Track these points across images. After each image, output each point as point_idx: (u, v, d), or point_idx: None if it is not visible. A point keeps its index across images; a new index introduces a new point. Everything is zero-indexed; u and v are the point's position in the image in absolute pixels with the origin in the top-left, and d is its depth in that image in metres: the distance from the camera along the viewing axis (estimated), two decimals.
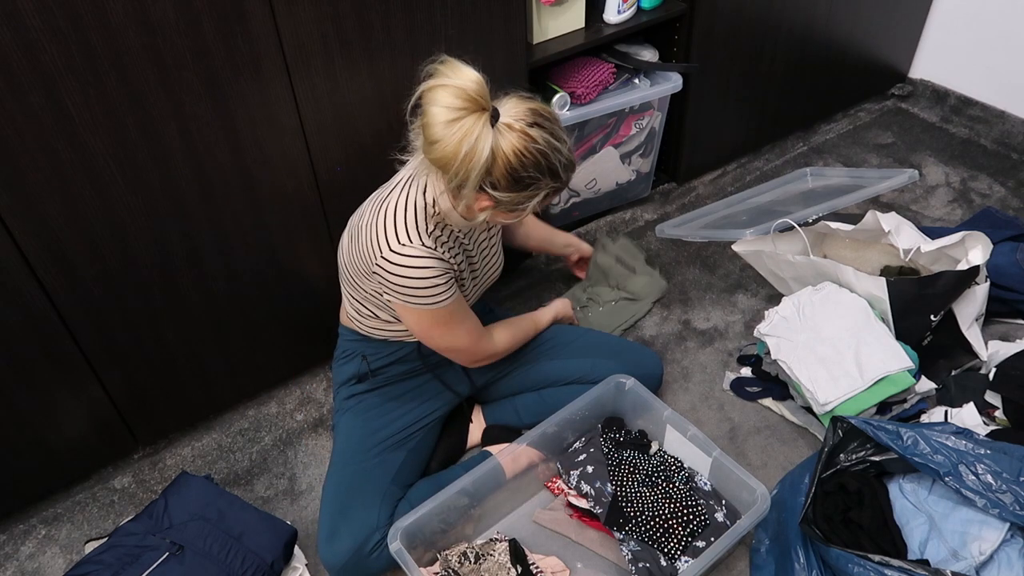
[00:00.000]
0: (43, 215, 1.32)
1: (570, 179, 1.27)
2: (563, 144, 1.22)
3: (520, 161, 1.17)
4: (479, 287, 1.52)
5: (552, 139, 1.19)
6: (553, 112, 1.23)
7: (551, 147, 1.19)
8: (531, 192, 1.22)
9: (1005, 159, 2.45)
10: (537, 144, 1.17)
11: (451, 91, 1.13)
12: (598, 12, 1.94)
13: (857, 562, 1.24)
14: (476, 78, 1.14)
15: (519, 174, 1.18)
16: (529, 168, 1.18)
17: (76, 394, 1.54)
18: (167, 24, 1.26)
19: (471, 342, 1.46)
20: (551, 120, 1.21)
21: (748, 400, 1.79)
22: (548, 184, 1.23)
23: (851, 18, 2.36)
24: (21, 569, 1.58)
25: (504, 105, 1.19)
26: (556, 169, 1.21)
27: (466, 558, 1.43)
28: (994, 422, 1.60)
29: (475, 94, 1.13)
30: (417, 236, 1.29)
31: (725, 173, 2.47)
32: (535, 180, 1.20)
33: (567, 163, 1.23)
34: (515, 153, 1.16)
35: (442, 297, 1.33)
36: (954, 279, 1.63)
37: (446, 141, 1.14)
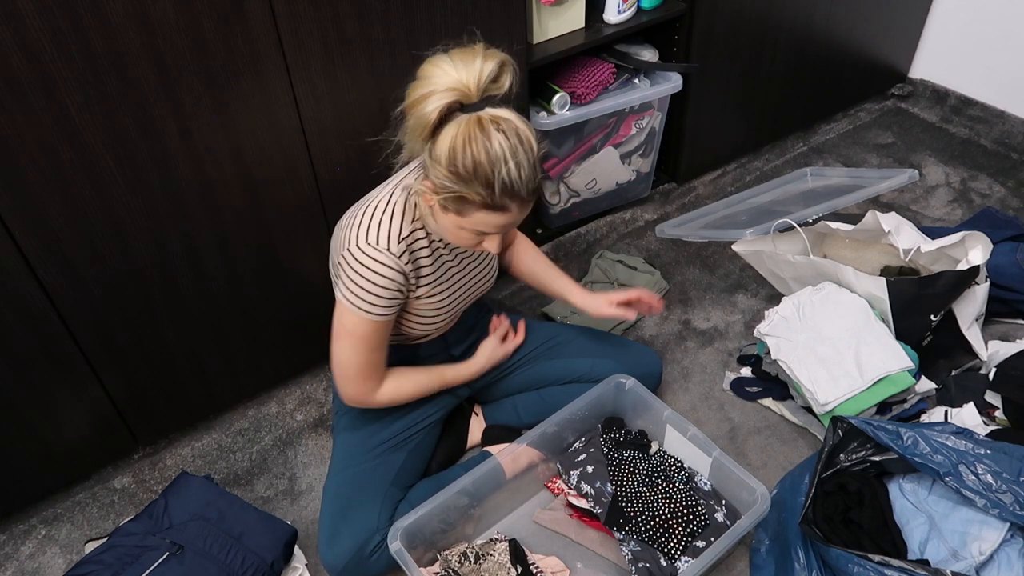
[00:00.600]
0: (43, 215, 1.32)
1: (506, 206, 1.17)
2: (514, 166, 1.13)
3: (464, 147, 1.11)
4: (463, 299, 1.48)
5: (507, 152, 1.12)
6: (531, 140, 1.16)
7: (500, 157, 1.12)
8: (458, 184, 1.15)
9: (1005, 159, 2.45)
10: (488, 143, 1.11)
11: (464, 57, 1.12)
12: (598, 12, 1.94)
13: (857, 562, 1.24)
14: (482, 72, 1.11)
15: (455, 159, 1.12)
16: (468, 159, 1.12)
17: (76, 394, 1.54)
18: (167, 24, 1.26)
19: (359, 377, 1.38)
20: (521, 140, 1.14)
21: (748, 400, 1.79)
22: (476, 190, 1.14)
23: (851, 18, 2.36)
24: (21, 569, 1.58)
25: (499, 109, 1.15)
26: (491, 179, 1.13)
27: (466, 558, 1.43)
28: (994, 422, 1.60)
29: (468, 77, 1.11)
30: (387, 239, 1.27)
31: (725, 173, 2.47)
32: (467, 175, 1.13)
33: (507, 184, 1.14)
34: (464, 139, 1.11)
35: (373, 310, 1.29)
36: (954, 279, 1.63)
37: (419, 81, 1.13)
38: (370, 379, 1.41)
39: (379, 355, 1.39)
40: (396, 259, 1.28)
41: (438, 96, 1.11)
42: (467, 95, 1.12)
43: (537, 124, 1.91)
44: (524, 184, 1.16)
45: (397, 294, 1.31)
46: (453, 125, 1.13)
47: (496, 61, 1.13)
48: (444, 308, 1.44)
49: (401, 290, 1.32)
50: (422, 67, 1.15)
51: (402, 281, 1.31)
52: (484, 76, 1.12)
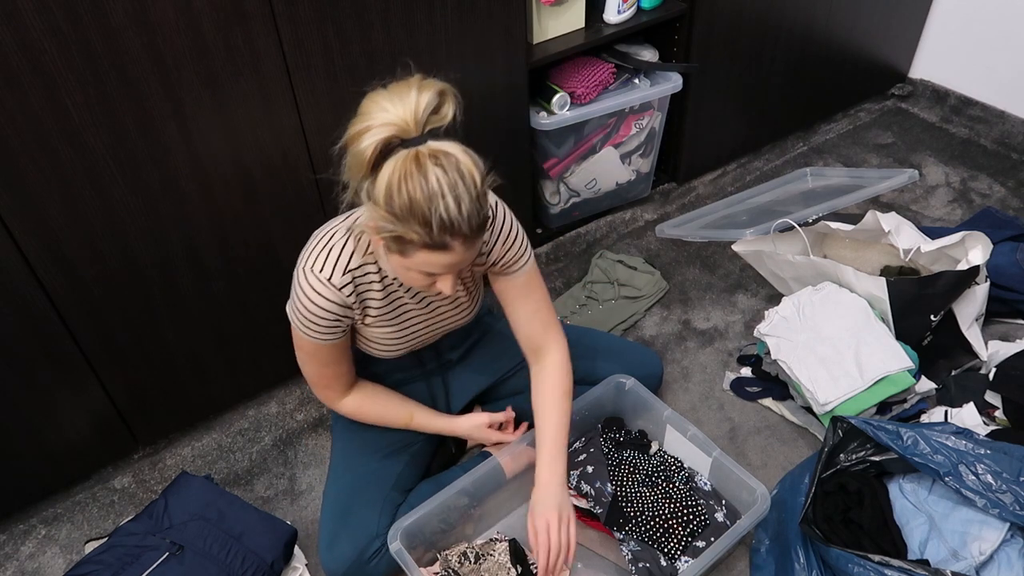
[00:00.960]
0: (43, 215, 1.32)
1: (446, 243, 1.09)
2: (453, 202, 1.05)
3: (400, 184, 1.05)
4: (425, 334, 1.44)
5: (445, 188, 1.05)
6: (474, 175, 1.08)
7: (437, 193, 1.05)
8: (396, 222, 1.08)
9: (1005, 159, 2.45)
10: (426, 179, 1.04)
11: (401, 91, 1.07)
12: (598, 12, 1.94)
13: (857, 562, 1.24)
14: (419, 106, 1.05)
15: (392, 195, 1.06)
16: (404, 196, 1.05)
17: (76, 394, 1.54)
18: (167, 24, 1.26)
19: (318, 384, 1.42)
20: (462, 176, 1.07)
21: (748, 400, 1.79)
22: (413, 228, 1.07)
23: (851, 18, 2.36)
24: (21, 569, 1.58)
25: (443, 143, 1.08)
26: (428, 217, 1.05)
27: (466, 558, 1.43)
28: (994, 422, 1.60)
29: (406, 112, 1.05)
30: (331, 270, 1.23)
31: (725, 173, 2.46)
32: (403, 212, 1.06)
33: (445, 221, 1.06)
34: (401, 175, 1.05)
35: (314, 334, 1.29)
36: (954, 279, 1.63)
37: (358, 117, 1.08)
38: (329, 388, 1.42)
39: (333, 369, 1.39)
40: (337, 291, 1.25)
41: (374, 132, 1.05)
42: (405, 129, 1.05)
43: (537, 124, 1.91)
44: (465, 220, 1.08)
45: (336, 323, 1.29)
46: (391, 162, 1.06)
47: (433, 92, 1.07)
48: (399, 341, 1.41)
49: (341, 320, 1.29)
50: (362, 103, 1.09)
51: (342, 312, 1.28)
52: (421, 108, 1.06)
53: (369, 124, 1.06)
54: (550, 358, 1.44)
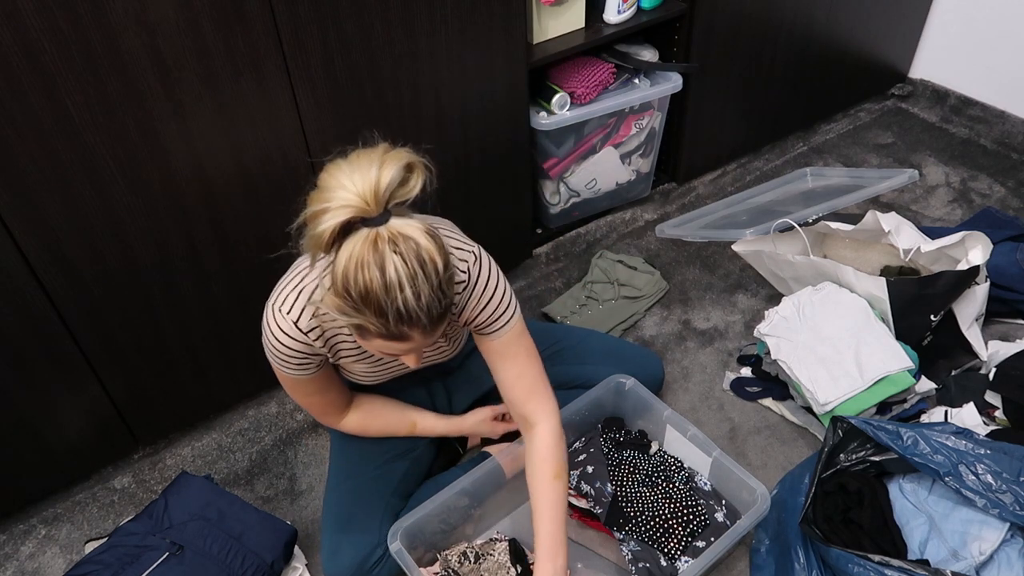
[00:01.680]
0: (43, 215, 1.32)
1: (405, 334, 1.04)
2: (412, 293, 0.99)
3: (355, 273, 0.99)
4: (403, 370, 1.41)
5: (404, 279, 0.99)
6: (435, 262, 1.01)
7: (394, 284, 0.98)
8: (351, 311, 1.02)
9: (1005, 159, 2.45)
10: (383, 269, 0.98)
11: (361, 166, 0.99)
12: (598, 12, 1.94)
13: (857, 562, 1.24)
14: (380, 183, 0.98)
15: (348, 284, 1.00)
16: (359, 285, 0.99)
17: (76, 394, 1.54)
18: (167, 24, 1.26)
19: (311, 411, 1.42)
20: (422, 264, 1.00)
21: (748, 400, 1.79)
22: (369, 319, 1.02)
23: (851, 18, 2.36)
24: (21, 569, 1.58)
25: (404, 220, 1.01)
26: (384, 308, 1.00)
27: (466, 558, 1.43)
28: (994, 422, 1.60)
29: (366, 190, 0.97)
30: (299, 313, 1.19)
31: (725, 173, 2.46)
32: (357, 302, 1.01)
33: (402, 313, 1.00)
34: (356, 263, 0.98)
35: (285, 369, 1.27)
36: (954, 279, 1.63)
37: (317, 192, 1.02)
38: (326, 415, 1.42)
39: (321, 398, 1.37)
40: (303, 334, 1.21)
41: (331, 214, 0.97)
42: (365, 209, 0.98)
43: (537, 124, 1.91)
44: (424, 312, 1.02)
45: (306, 360, 1.25)
46: (349, 244, 0.99)
47: (397, 167, 0.99)
48: (379, 375, 1.39)
49: (310, 357, 1.25)
50: (320, 175, 1.02)
51: (308, 350, 1.23)
52: (383, 187, 0.97)
53: (328, 205, 0.98)
54: (537, 431, 1.33)
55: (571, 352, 1.65)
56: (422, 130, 1.67)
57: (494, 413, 1.54)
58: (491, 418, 1.54)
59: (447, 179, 1.24)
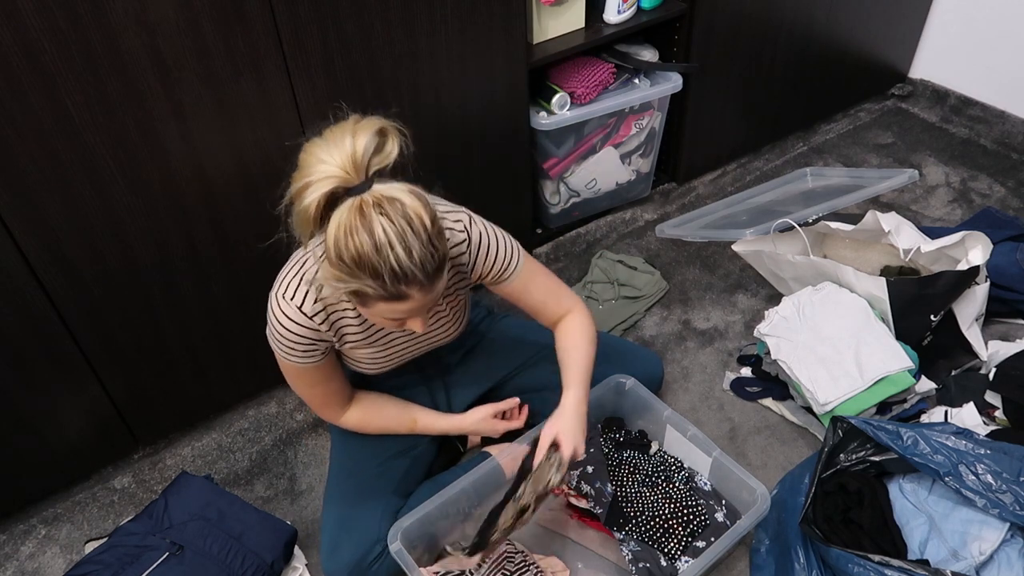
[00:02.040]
0: (43, 215, 1.32)
1: (402, 293, 1.07)
2: (403, 251, 1.02)
3: (346, 239, 1.02)
4: (410, 351, 1.43)
5: (393, 238, 1.02)
6: (421, 219, 1.04)
7: (384, 243, 1.01)
8: (347, 277, 1.06)
9: (1005, 159, 2.45)
10: (371, 231, 1.01)
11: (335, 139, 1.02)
12: (598, 12, 1.94)
13: (857, 562, 1.24)
14: (356, 150, 1.01)
15: (340, 251, 1.03)
16: (351, 250, 1.02)
17: (76, 394, 1.54)
18: (167, 24, 1.26)
19: (312, 404, 1.42)
20: (409, 222, 1.03)
21: (748, 400, 1.79)
22: (365, 282, 1.05)
23: (851, 18, 2.36)
24: (21, 569, 1.58)
25: (386, 185, 1.04)
26: (379, 269, 1.03)
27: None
28: (994, 422, 1.60)
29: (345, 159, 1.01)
30: (303, 298, 1.21)
31: (725, 173, 2.47)
32: (351, 267, 1.04)
33: (396, 271, 1.03)
34: (346, 229, 1.02)
35: (292, 358, 1.27)
36: (954, 279, 1.63)
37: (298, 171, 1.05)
38: (327, 407, 1.42)
39: (324, 388, 1.38)
40: (308, 319, 1.23)
41: (314, 187, 1.01)
42: (347, 179, 1.01)
43: (537, 124, 1.91)
44: (419, 267, 1.05)
45: (314, 346, 1.27)
46: (336, 215, 1.02)
47: (370, 133, 1.02)
48: (384, 360, 1.40)
49: (317, 342, 1.27)
50: (300, 155, 1.05)
51: (315, 336, 1.25)
52: (359, 154, 1.01)
53: (309, 179, 1.01)
54: (571, 316, 1.42)
55: None
56: (422, 130, 1.67)
57: (495, 411, 1.54)
58: (491, 416, 1.54)
59: (447, 179, 1.24)
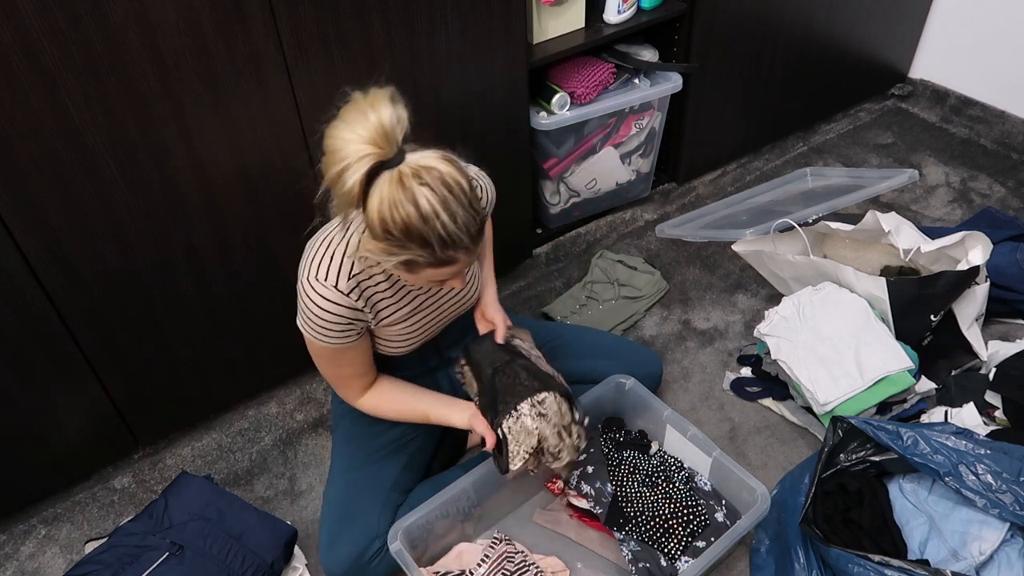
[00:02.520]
0: (43, 215, 1.32)
1: (451, 257, 1.11)
2: (448, 216, 1.06)
3: (391, 212, 1.05)
4: (436, 321, 1.44)
5: (438, 206, 1.06)
6: (459, 182, 1.08)
7: (431, 213, 1.05)
8: (396, 249, 1.09)
9: (1005, 159, 2.45)
10: (416, 202, 1.04)
11: (358, 115, 1.04)
12: (598, 12, 1.94)
13: (857, 562, 1.24)
14: (384, 120, 1.03)
15: (387, 224, 1.06)
16: (398, 222, 1.06)
17: (76, 394, 1.54)
18: (167, 24, 1.26)
19: (335, 384, 1.43)
20: (449, 188, 1.07)
21: (748, 400, 1.79)
22: (415, 251, 1.09)
23: (851, 18, 2.36)
24: (21, 569, 1.58)
25: (421, 155, 1.08)
26: (427, 237, 1.07)
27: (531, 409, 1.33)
28: (994, 422, 1.60)
29: (375, 132, 1.03)
30: (336, 277, 1.23)
31: (725, 173, 2.47)
32: (400, 239, 1.08)
33: (444, 237, 1.07)
34: (390, 204, 1.05)
35: (329, 339, 1.28)
36: (954, 279, 1.63)
37: (329, 156, 1.06)
38: (348, 388, 1.42)
39: (352, 369, 1.39)
40: (344, 296, 1.24)
41: (353, 168, 1.03)
42: (381, 152, 1.04)
43: (537, 124, 1.91)
44: (464, 232, 1.09)
45: (351, 325, 1.29)
46: (376, 189, 1.05)
47: (386, 103, 1.04)
48: (414, 333, 1.41)
49: (354, 322, 1.29)
50: (324, 142, 1.07)
51: (352, 314, 1.27)
52: (387, 125, 1.03)
53: (346, 162, 1.03)
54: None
55: (569, 348, 1.66)
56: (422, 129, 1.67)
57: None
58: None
59: None
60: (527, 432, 1.32)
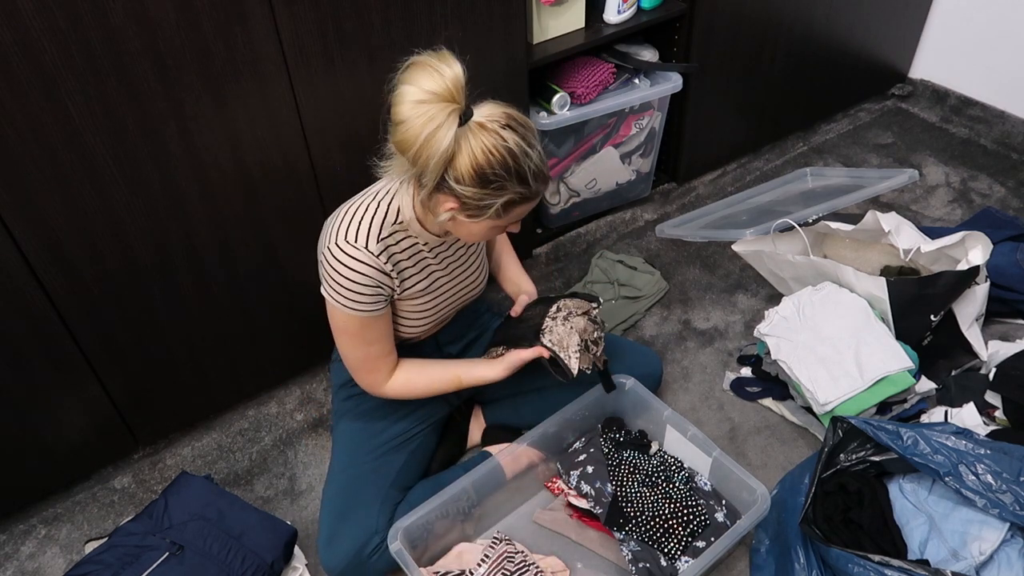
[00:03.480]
0: (43, 215, 1.32)
1: (540, 191, 1.23)
2: (534, 151, 1.19)
3: (487, 158, 1.14)
4: (450, 302, 1.47)
5: (524, 144, 1.17)
6: (528, 121, 1.20)
7: (521, 151, 1.17)
8: (495, 193, 1.18)
9: (1005, 159, 2.45)
10: (507, 144, 1.15)
11: (429, 74, 1.11)
12: (598, 12, 1.94)
13: (857, 562, 1.24)
14: (458, 73, 1.11)
15: (485, 171, 1.15)
16: (496, 167, 1.15)
17: (76, 394, 1.54)
18: (167, 24, 1.26)
19: (362, 369, 1.40)
20: (525, 127, 1.19)
21: (748, 400, 1.79)
22: (514, 189, 1.19)
23: (851, 18, 2.36)
24: (21, 569, 1.58)
25: (480, 107, 1.17)
26: (524, 174, 1.18)
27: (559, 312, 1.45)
28: (994, 422, 1.60)
29: (452, 85, 1.10)
30: (365, 239, 1.27)
31: (725, 173, 2.47)
32: (500, 180, 1.17)
33: (536, 171, 1.20)
34: (483, 151, 1.14)
35: (358, 307, 1.29)
36: (954, 279, 1.63)
37: (410, 123, 1.12)
38: (375, 371, 1.41)
39: (379, 347, 1.38)
40: (374, 257, 1.27)
41: (445, 126, 1.11)
42: (459, 108, 1.12)
43: (537, 124, 1.91)
44: (545, 165, 1.22)
45: (379, 290, 1.31)
46: (464, 144, 1.14)
47: (452, 60, 1.12)
48: (430, 311, 1.43)
49: (382, 286, 1.31)
50: (394, 111, 1.14)
51: (381, 278, 1.30)
52: (461, 80, 1.12)
53: (437, 123, 1.10)
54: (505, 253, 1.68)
55: None
56: None
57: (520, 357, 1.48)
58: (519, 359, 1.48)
59: None
60: (567, 334, 1.42)
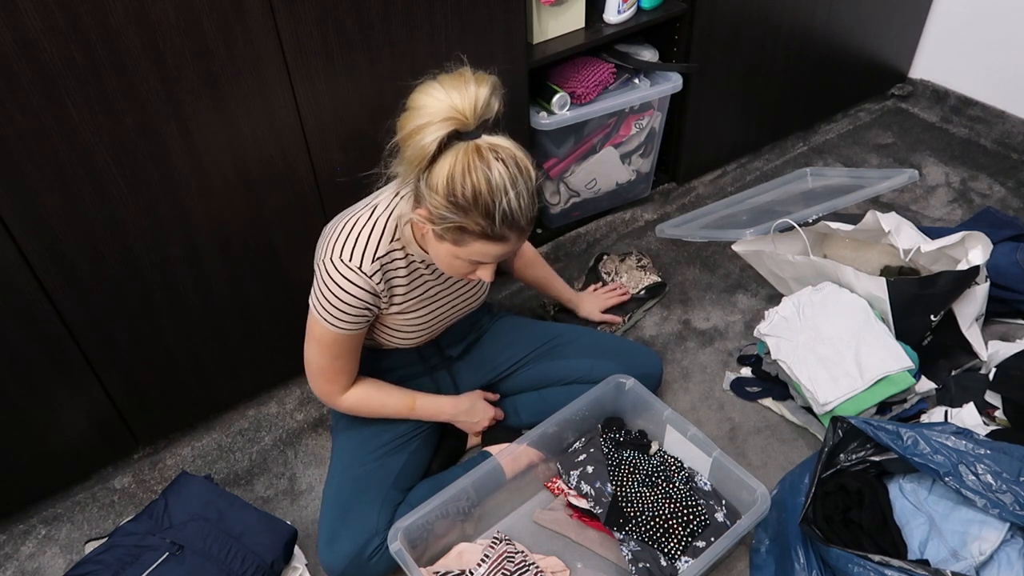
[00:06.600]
0: (43, 215, 1.32)
1: (504, 235, 1.16)
2: (515, 196, 1.12)
3: (463, 177, 1.10)
4: (444, 317, 1.47)
5: (507, 183, 1.11)
6: (531, 171, 1.15)
7: (501, 187, 1.11)
8: (458, 213, 1.13)
9: (1005, 159, 2.45)
10: (489, 173, 1.10)
11: (459, 83, 1.09)
12: (598, 12, 1.94)
13: (857, 562, 1.24)
14: (479, 96, 1.09)
15: (455, 189, 1.10)
16: (467, 189, 1.10)
17: (76, 394, 1.54)
18: (167, 24, 1.26)
19: (322, 378, 1.41)
20: (522, 172, 1.13)
21: (748, 400, 1.79)
22: (476, 220, 1.13)
23: (851, 18, 2.36)
24: (21, 569, 1.58)
25: (494, 137, 1.14)
26: (491, 209, 1.11)
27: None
28: (994, 422, 1.60)
29: (467, 101, 1.08)
30: (360, 258, 1.26)
31: (725, 173, 2.47)
32: (467, 204, 1.11)
33: (507, 213, 1.12)
34: (464, 169, 1.09)
35: (339, 324, 1.30)
36: (954, 279, 1.63)
37: (414, 111, 1.11)
38: (333, 383, 1.42)
39: (344, 362, 1.39)
40: (367, 279, 1.27)
41: (436, 127, 1.08)
42: (464, 123, 1.09)
43: (537, 124, 1.91)
44: (524, 214, 1.15)
45: (365, 312, 1.31)
46: (451, 154, 1.10)
47: (488, 86, 1.11)
48: (421, 325, 1.44)
49: (370, 308, 1.32)
50: (412, 96, 1.12)
51: (371, 300, 1.30)
52: (480, 102, 1.09)
53: (429, 119, 1.09)
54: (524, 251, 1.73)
55: (568, 347, 1.66)
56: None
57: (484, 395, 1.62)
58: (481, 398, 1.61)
59: None
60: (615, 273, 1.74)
